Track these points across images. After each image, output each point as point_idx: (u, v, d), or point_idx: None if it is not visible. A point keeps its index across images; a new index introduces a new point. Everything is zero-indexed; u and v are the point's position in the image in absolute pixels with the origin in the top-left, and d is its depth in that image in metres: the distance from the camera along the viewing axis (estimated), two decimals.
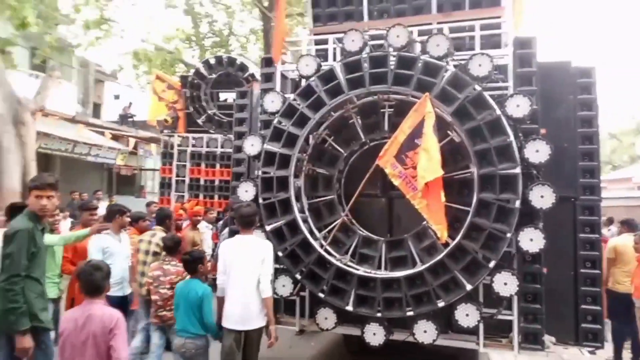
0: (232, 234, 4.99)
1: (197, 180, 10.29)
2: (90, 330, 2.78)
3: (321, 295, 4.46)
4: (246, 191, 4.87)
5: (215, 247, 7.26)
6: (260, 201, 4.75)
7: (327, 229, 4.76)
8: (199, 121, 10.55)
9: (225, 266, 4.02)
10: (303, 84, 4.95)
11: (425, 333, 4.16)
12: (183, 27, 13.94)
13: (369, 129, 4.99)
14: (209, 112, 10.54)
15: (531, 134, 4.27)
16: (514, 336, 4.21)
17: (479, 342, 4.33)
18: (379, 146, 4.71)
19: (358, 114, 4.96)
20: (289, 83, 5.63)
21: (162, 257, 4.66)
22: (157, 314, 4.38)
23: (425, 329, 4.16)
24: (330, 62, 5.14)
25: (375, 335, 4.29)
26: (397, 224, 5.04)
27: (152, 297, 4.43)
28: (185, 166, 10.35)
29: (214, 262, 6.07)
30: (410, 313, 4.17)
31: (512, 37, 4.76)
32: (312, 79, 4.82)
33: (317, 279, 4.49)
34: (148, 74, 15.50)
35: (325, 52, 5.45)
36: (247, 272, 3.91)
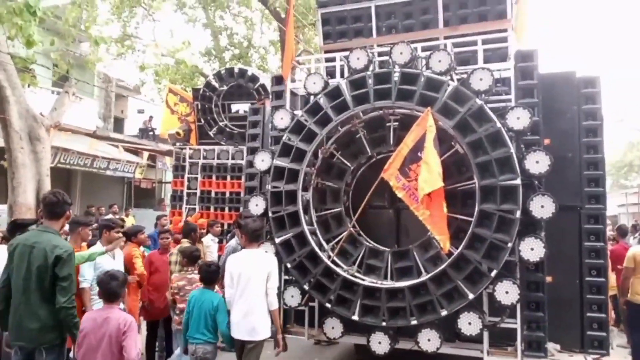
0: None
1: (208, 193, 10.45)
2: (106, 331, 3.34)
3: (328, 305, 4.80)
4: (257, 205, 5.27)
5: (219, 259, 7.33)
6: (270, 214, 5.14)
7: (335, 241, 5.11)
8: (211, 133, 10.84)
9: (233, 280, 4.31)
10: (311, 100, 5.34)
11: (429, 342, 4.44)
12: (189, 39, 14.47)
13: (375, 142, 5.34)
14: (220, 123, 10.82)
15: (532, 146, 4.54)
16: (517, 344, 4.45)
17: (483, 350, 4.58)
18: (385, 159, 5.03)
19: (364, 129, 5.33)
20: (298, 100, 6.03)
21: (183, 268, 5.28)
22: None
23: (429, 337, 4.45)
24: (337, 79, 5.53)
25: (380, 344, 4.61)
26: (404, 235, 5.37)
27: (179, 306, 4.97)
28: (197, 179, 10.57)
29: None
30: (414, 322, 4.47)
31: (514, 50, 5.05)
32: (320, 96, 5.21)
33: (325, 289, 4.84)
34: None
35: (335, 68, 5.85)
36: (254, 284, 4.23)
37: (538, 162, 4.34)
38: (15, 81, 8.95)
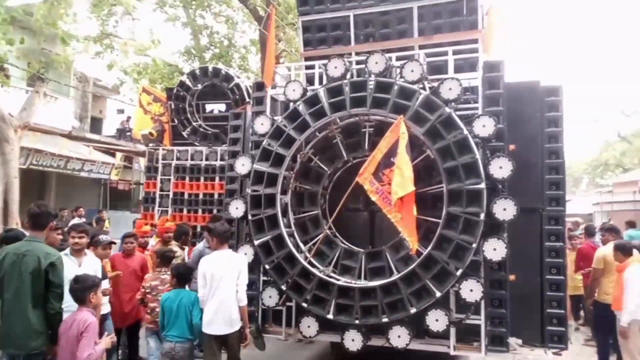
0: None
1: (181, 195, 10.33)
2: (72, 332, 3.73)
3: (304, 305, 5.17)
4: (237, 208, 5.63)
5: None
6: (250, 217, 5.50)
7: (311, 242, 5.50)
8: (184, 133, 10.81)
9: (206, 279, 4.72)
10: (290, 107, 5.71)
11: (399, 338, 4.85)
12: (159, 38, 14.58)
13: (351, 147, 5.75)
14: (194, 124, 10.79)
15: (497, 151, 4.98)
16: (481, 339, 4.88)
17: (450, 346, 5.00)
18: (360, 163, 5.44)
19: (341, 134, 5.73)
20: (279, 105, 6.41)
21: (157, 269, 5.57)
22: (154, 320, 5.15)
23: (399, 334, 4.85)
24: (316, 86, 5.92)
25: (353, 341, 5.00)
26: (378, 236, 5.79)
27: (150, 305, 5.24)
28: (169, 180, 10.47)
29: None
30: (385, 320, 4.87)
31: (483, 60, 5.50)
32: (298, 103, 5.59)
33: (301, 289, 5.22)
34: (151, 86, 16.37)
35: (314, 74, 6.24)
36: (226, 282, 4.69)
37: (501, 168, 4.77)
38: None
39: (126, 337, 6.16)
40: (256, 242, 5.42)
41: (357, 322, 4.98)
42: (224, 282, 4.68)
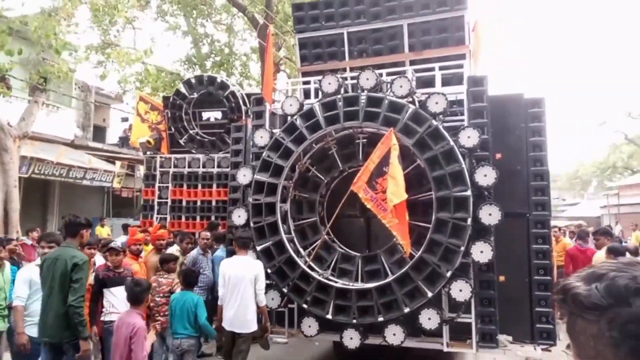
0: (230, 254, 6.24)
1: (179, 202, 10.56)
2: (123, 333, 4.24)
3: (305, 306, 5.61)
4: (239, 216, 6.08)
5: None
6: (252, 225, 5.94)
7: (310, 247, 5.94)
8: (181, 141, 11.06)
9: (225, 280, 5.41)
10: (288, 121, 6.17)
11: (395, 336, 5.28)
12: (150, 47, 14.99)
13: (346, 158, 6.20)
14: (191, 131, 11.09)
15: (482, 161, 5.42)
16: (472, 336, 5.31)
17: (443, 343, 5.43)
18: (355, 172, 5.87)
19: (336, 145, 6.18)
20: (277, 119, 6.86)
21: (157, 272, 6.18)
22: (155, 319, 5.65)
23: (394, 332, 5.28)
24: (312, 100, 6.37)
25: (352, 339, 5.43)
26: (374, 240, 6.23)
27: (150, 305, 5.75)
28: (168, 187, 10.68)
29: None
30: (381, 319, 5.30)
31: (468, 75, 5.95)
32: (295, 117, 6.04)
33: (302, 291, 5.65)
34: (153, 95, 16.77)
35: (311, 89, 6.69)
36: (243, 285, 5.30)
37: (486, 175, 5.21)
38: None
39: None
40: (258, 248, 5.86)
41: (354, 321, 5.41)
42: (240, 285, 5.29)
